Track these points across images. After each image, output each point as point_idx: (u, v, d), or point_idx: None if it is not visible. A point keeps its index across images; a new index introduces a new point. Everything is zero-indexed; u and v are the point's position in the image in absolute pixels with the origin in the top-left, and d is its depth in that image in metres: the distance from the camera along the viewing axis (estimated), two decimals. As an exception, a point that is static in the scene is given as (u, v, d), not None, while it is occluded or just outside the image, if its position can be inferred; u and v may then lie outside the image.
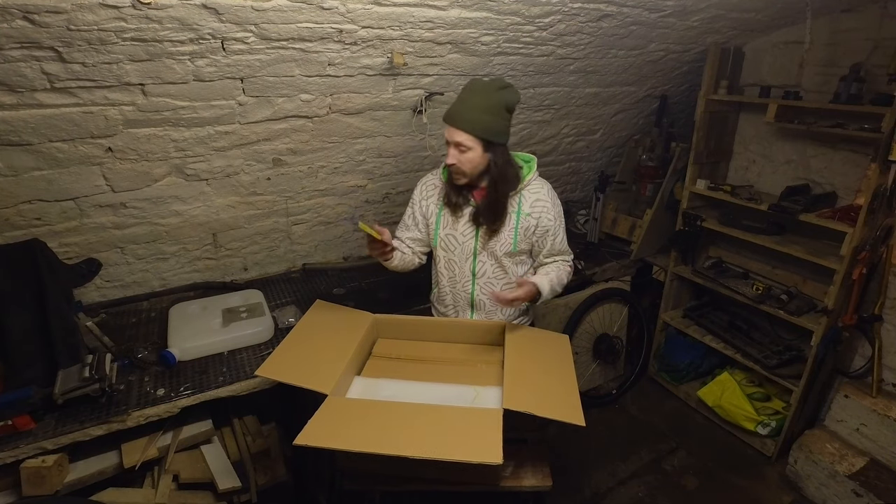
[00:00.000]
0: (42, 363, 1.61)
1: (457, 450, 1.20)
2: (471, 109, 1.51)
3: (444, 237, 1.73)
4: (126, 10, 1.31)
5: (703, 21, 2.23)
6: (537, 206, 1.65)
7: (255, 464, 1.80)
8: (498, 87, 1.52)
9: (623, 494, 2.42)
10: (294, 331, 1.66)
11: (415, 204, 1.78)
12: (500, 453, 1.17)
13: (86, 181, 1.78)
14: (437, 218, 1.73)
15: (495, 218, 1.64)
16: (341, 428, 1.27)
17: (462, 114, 1.51)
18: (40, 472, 1.44)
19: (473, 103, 1.51)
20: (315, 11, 1.54)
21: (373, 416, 1.32)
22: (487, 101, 1.50)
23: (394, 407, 1.38)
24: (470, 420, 1.32)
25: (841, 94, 2.15)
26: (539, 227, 1.67)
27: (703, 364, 3.00)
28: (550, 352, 1.66)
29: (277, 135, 1.99)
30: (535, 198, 1.65)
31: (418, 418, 1.31)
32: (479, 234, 1.69)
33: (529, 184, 1.66)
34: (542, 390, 1.47)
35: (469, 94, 1.53)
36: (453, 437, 1.25)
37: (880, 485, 2.16)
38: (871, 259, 2.17)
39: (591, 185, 3.29)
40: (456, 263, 1.76)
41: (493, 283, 1.76)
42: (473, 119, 1.50)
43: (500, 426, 1.26)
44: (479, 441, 1.23)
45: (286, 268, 2.52)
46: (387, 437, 1.24)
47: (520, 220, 1.66)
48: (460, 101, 1.54)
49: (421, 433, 1.26)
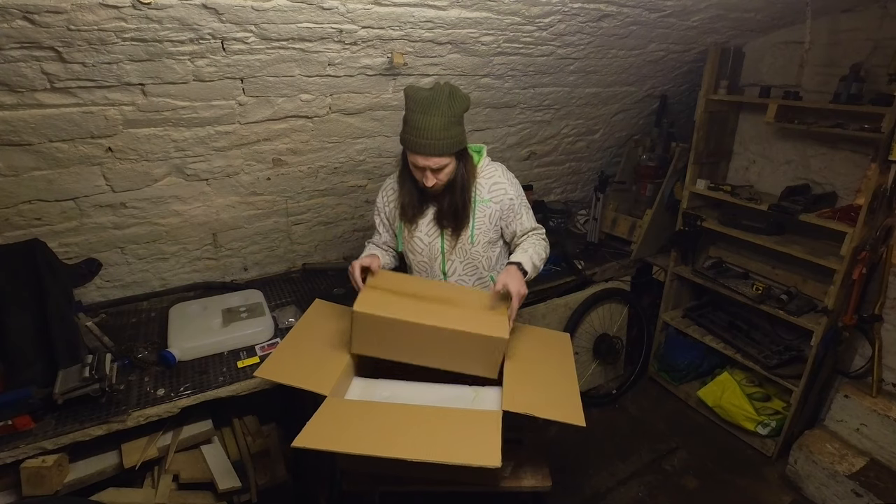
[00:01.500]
0: (42, 363, 1.61)
1: (455, 453, 1.20)
2: (436, 132, 1.44)
3: (409, 240, 1.72)
4: (126, 10, 1.31)
5: (703, 21, 2.23)
6: (495, 189, 1.64)
7: (255, 464, 1.80)
8: (447, 97, 1.44)
9: (623, 494, 2.42)
10: (293, 330, 1.65)
11: (380, 211, 1.77)
12: (499, 456, 1.17)
13: (86, 181, 1.78)
14: (399, 228, 1.73)
15: (459, 220, 1.63)
16: (340, 430, 1.27)
17: (431, 142, 1.45)
18: (40, 472, 1.44)
19: (434, 125, 1.43)
20: (315, 11, 1.54)
21: (371, 418, 1.32)
22: (446, 117, 1.44)
23: (392, 409, 1.38)
24: (469, 422, 1.32)
25: (841, 94, 2.15)
26: (503, 210, 1.66)
27: (703, 364, 3.00)
28: (551, 351, 1.65)
29: (277, 135, 2.00)
30: (491, 182, 1.64)
31: (417, 420, 1.31)
32: (444, 234, 1.68)
33: (483, 170, 1.65)
34: (543, 391, 1.46)
35: (423, 116, 1.43)
36: (452, 439, 1.25)
37: (880, 485, 2.16)
38: (871, 259, 2.17)
39: (591, 185, 3.29)
40: (426, 265, 1.75)
41: (466, 279, 1.76)
42: (442, 143, 1.45)
43: (499, 429, 1.26)
44: (478, 444, 1.23)
45: (286, 268, 2.52)
46: (385, 440, 1.24)
47: (479, 208, 1.64)
48: (421, 132, 1.44)
49: (419, 436, 1.26)
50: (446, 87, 1.46)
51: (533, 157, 2.96)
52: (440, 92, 1.44)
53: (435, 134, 1.44)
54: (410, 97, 1.46)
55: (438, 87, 1.47)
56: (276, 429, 1.97)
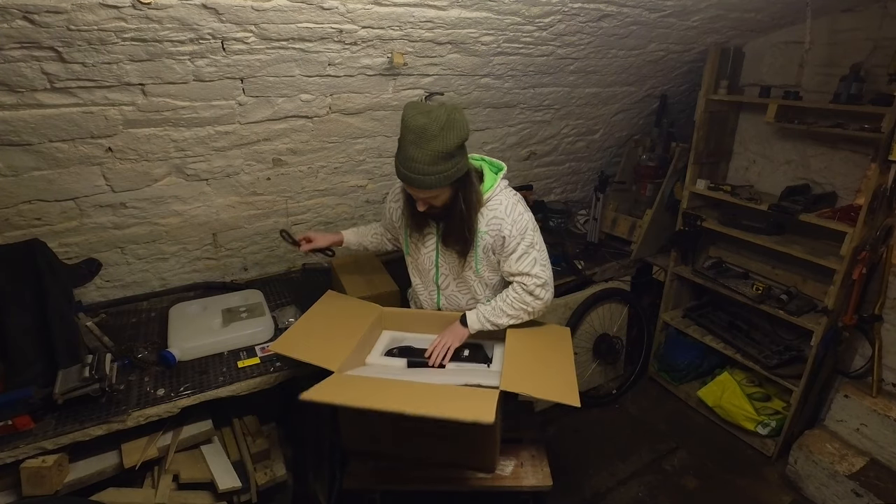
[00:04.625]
0: (42, 363, 1.60)
1: (451, 409, 1.25)
2: (424, 167, 1.34)
3: (412, 243, 1.72)
4: (126, 10, 1.31)
5: (703, 21, 2.23)
6: (493, 223, 1.56)
7: (255, 464, 1.80)
8: (441, 129, 1.31)
9: (623, 494, 2.42)
10: (305, 316, 1.76)
11: (388, 210, 1.80)
12: (493, 414, 1.21)
13: (86, 181, 1.78)
14: (405, 239, 1.74)
15: (461, 244, 1.58)
16: (343, 390, 1.38)
17: (419, 177, 1.36)
18: (40, 472, 1.44)
19: (423, 159, 1.33)
20: (315, 11, 1.54)
21: (373, 384, 1.43)
22: (435, 153, 1.33)
23: (396, 382, 1.45)
24: (468, 393, 1.40)
25: (841, 94, 2.15)
26: (496, 245, 1.58)
27: (703, 364, 3.00)
28: (550, 341, 1.70)
29: (277, 135, 2.00)
30: (491, 215, 1.56)
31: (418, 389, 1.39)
32: (439, 248, 1.66)
33: (490, 200, 1.55)
34: (540, 375, 1.51)
35: (413, 147, 1.33)
36: (449, 400, 1.33)
37: (880, 485, 2.16)
38: (871, 259, 2.17)
39: (591, 185, 3.29)
40: (422, 272, 1.77)
41: (458, 296, 1.76)
42: (430, 178, 1.36)
43: (496, 398, 1.30)
44: (474, 403, 1.29)
45: (286, 268, 2.52)
46: (385, 396, 1.33)
47: (479, 240, 1.58)
48: (409, 160, 1.35)
49: (418, 395, 1.34)
50: (444, 114, 1.33)
51: (533, 157, 2.96)
52: (435, 121, 1.32)
53: (422, 169, 1.34)
54: (405, 122, 1.35)
55: (435, 114, 1.33)
56: (276, 429, 1.97)
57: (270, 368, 1.78)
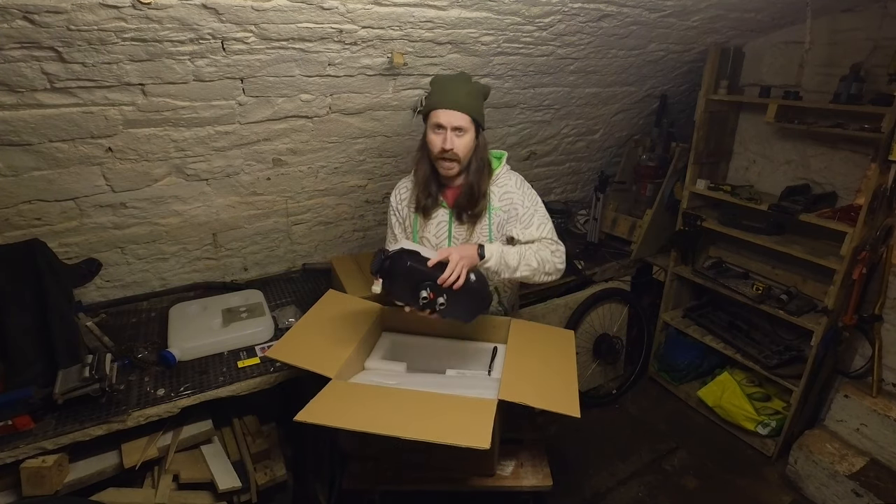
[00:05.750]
0: (42, 363, 1.61)
1: (446, 434, 1.23)
2: (462, 94, 1.53)
3: (420, 239, 1.72)
4: (126, 10, 1.31)
5: (703, 21, 2.23)
6: (505, 198, 1.66)
7: (255, 464, 1.80)
8: (469, 77, 1.59)
9: (623, 494, 2.42)
10: (305, 317, 1.72)
11: (396, 212, 1.76)
12: (489, 439, 1.19)
13: (86, 181, 1.78)
14: (414, 221, 1.73)
15: (474, 203, 1.62)
16: (341, 408, 1.34)
17: (457, 98, 1.52)
18: (40, 472, 1.44)
19: (460, 90, 1.53)
20: (315, 11, 1.54)
21: (371, 400, 1.38)
22: (470, 88, 1.56)
23: (392, 392, 1.42)
24: (464, 407, 1.36)
25: (841, 94, 2.15)
26: (510, 218, 1.66)
27: (703, 364, 3.00)
28: (553, 346, 1.68)
29: (277, 135, 1.99)
30: (503, 191, 1.66)
31: (414, 403, 1.36)
32: (451, 233, 1.68)
33: (498, 178, 1.67)
34: (541, 383, 1.49)
35: (451, 82, 1.56)
36: (445, 422, 1.30)
37: (880, 485, 2.16)
38: (871, 259, 2.17)
39: (591, 185, 3.29)
40: None
41: None
42: (468, 102, 1.53)
43: (492, 414, 1.29)
44: (470, 426, 1.26)
45: (286, 268, 2.52)
46: (380, 419, 1.30)
47: (493, 216, 1.65)
48: (447, 91, 1.54)
49: (414, 417, 1.31)
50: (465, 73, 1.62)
51: (533, 157, 2.96)
52: (461, 73, 1.62)
53: (460, 93, 1.53)
54: (438, 78, 1.59)
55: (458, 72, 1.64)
56: (276, 429, 1.97)
57: (270, 368, 1.78)
